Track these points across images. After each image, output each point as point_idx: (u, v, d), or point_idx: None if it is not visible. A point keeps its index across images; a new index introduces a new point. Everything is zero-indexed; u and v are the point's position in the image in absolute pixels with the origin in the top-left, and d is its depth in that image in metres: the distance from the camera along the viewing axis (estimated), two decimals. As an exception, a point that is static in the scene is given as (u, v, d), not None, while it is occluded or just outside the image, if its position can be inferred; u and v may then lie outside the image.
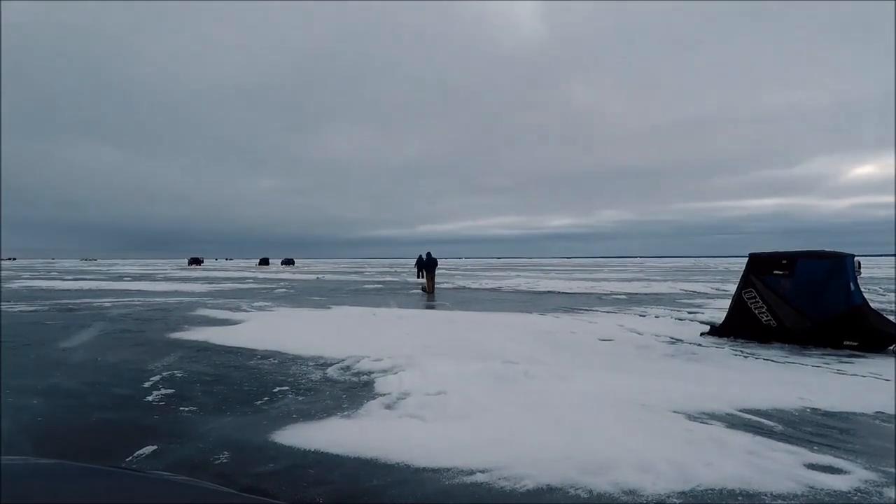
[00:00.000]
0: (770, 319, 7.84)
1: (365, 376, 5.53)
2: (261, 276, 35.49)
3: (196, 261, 67.87)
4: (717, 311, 11.75)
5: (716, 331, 8.49)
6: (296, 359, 6.50)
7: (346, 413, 4.28)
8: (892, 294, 16.66)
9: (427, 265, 19.63)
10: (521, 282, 26.09)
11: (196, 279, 29.96)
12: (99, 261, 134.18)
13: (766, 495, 2.81)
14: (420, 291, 19.38)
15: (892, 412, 4.39)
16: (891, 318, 8.36)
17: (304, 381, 5.40)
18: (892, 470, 3.19)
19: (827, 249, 7.85)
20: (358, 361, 6.16)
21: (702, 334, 8.51)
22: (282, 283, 25.10)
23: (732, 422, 4.08)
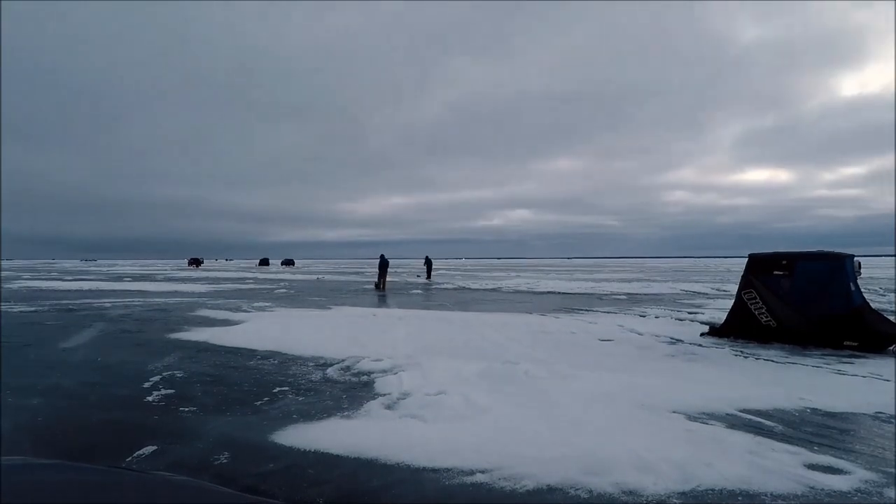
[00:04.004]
0: (770, 320, 7.84)
1: (365, 376, 5.53)
2: (261, 276, 35.49)
3: (196, 261, 67.87)
4: (718, 311, 11.75)
5: (716, 331, 8.49)
6: (296, 359, 6.50)
7: (346, 413, 4.28)
8: (892, 294, 16.66)
9: (381, 265, 22.07)
10: (521, 282, 26.10)
11: (196, 279, 29.95)
12: (99, 261, 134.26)
13: (766, 495, 2.81)
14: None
15: (892, 412, 4.39)
16: (891, 318, 8.36)
17: (304, 381, 5.40)
18: (892, 470, 3.19)
19: (826, 250, 7.85)
20: (358, 362, 6.15)
21: (702, 334, 8.51)
22: (282, 284, 25.09)
23: (733, 422, 4.08)
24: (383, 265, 21.80)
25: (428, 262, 30.97)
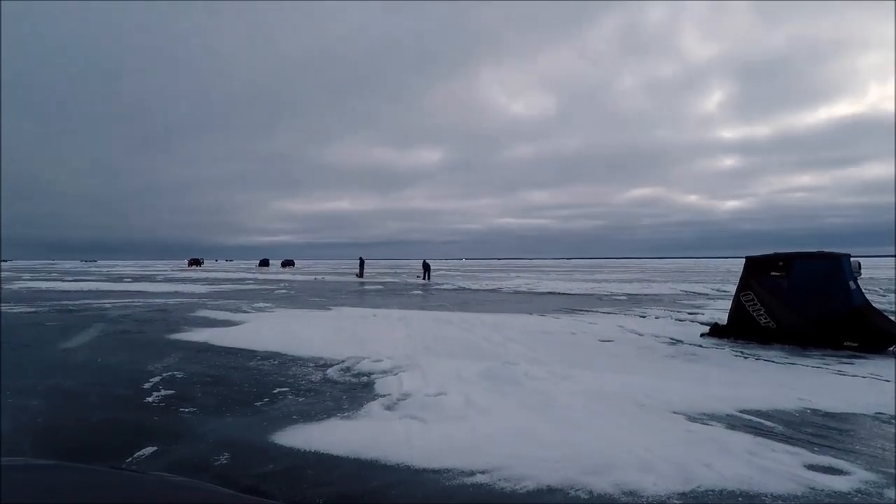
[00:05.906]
0: (769, 321, 7.84)
1: (365, 377, 5.53)
2: (261, 277, 35.49)
3: (196, 262, 67.91)
4: (718, 311, 11.75)
5: (716, 332, 8.49)
6: (296, 360, 6.50)
7: (346, 414, 4.28)
8: (892, 294, 16.66)
9: (361, 264, 35.24)
10: (521, 283, 26.10)
11: (196, 280, 29.95)
12: (99, 262, 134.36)
13: (766, 496, 2.81)
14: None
15: (892, 412, 4.39)
16: (891, 318, 8.36)
17: (304, 382, 5.40)
18: (892, 470, 3.19)
19: (825, 250, 7.85)
20: (358, 362, 6.16)
21: (702, 335, 8.51)
22: (282, 285, 25.09)
23: (733, 422, 4.08)
24: (361, 263, 35.20)
25: (426, 266, 30.74)
